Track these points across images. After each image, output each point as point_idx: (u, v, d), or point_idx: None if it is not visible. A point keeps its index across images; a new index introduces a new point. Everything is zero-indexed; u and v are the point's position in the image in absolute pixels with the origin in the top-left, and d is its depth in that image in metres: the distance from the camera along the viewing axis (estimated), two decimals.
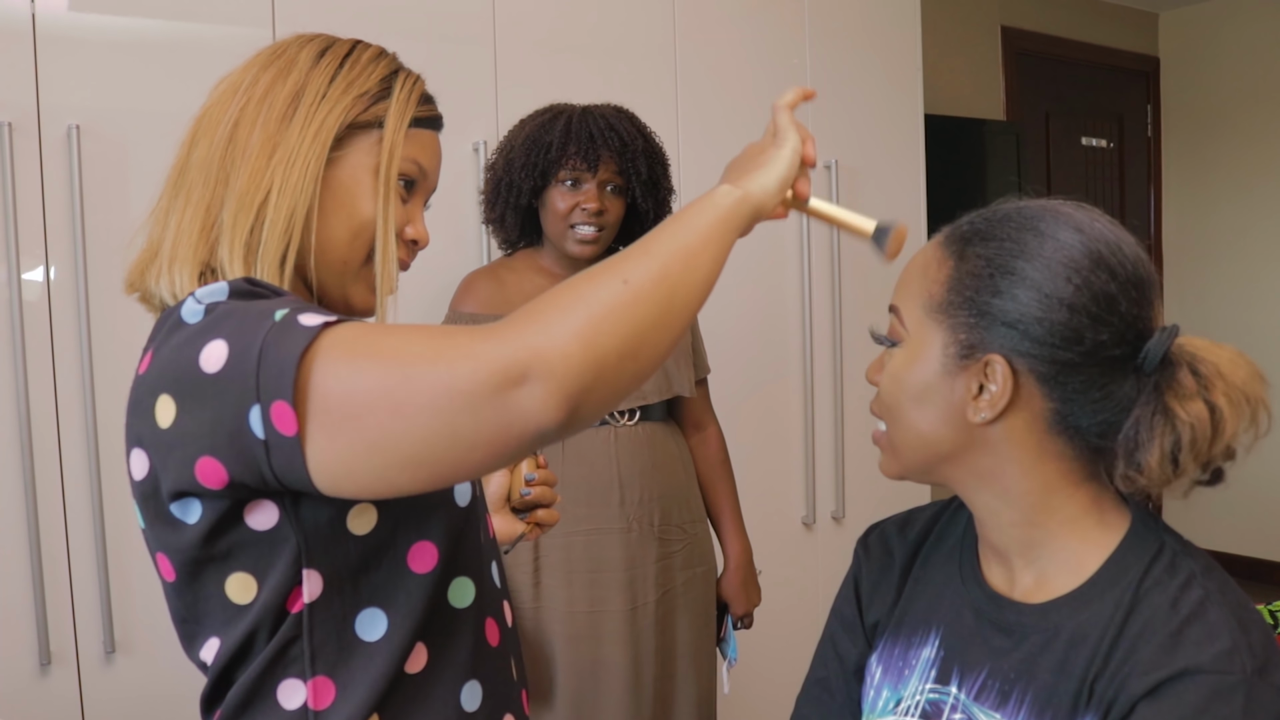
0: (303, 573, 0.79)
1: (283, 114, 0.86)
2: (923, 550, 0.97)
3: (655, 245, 0.74)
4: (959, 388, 0.81)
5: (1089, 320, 0.77)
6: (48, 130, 1.83)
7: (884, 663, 0.94)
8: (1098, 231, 0.80)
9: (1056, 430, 0.80)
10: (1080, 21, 4.43)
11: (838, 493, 2.85)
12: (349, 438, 0.68)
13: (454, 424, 0.66)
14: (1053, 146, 4.41)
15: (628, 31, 2.48)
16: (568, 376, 0.66)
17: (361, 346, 0.70)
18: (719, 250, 0.78)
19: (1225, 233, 4.57)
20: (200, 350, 0.72)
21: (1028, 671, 0.80)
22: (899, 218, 0.90)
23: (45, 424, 1.85)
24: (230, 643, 0.81)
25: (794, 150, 0.88)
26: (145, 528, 0.84)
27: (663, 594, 1.78)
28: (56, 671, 1.86)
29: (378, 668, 0.82)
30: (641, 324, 0.69)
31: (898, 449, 0.87)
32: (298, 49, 0.90)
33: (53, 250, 1.85)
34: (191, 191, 0.86)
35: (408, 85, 0.92)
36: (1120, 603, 0.78)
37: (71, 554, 1.87)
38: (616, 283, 0.70)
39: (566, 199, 1.72)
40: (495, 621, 0.93)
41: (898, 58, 2.94)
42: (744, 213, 0.81)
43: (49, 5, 1.83)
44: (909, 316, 0.85)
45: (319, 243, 0.87)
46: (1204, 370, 0.75)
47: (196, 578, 0.80)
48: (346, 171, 0.88)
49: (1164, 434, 0.75)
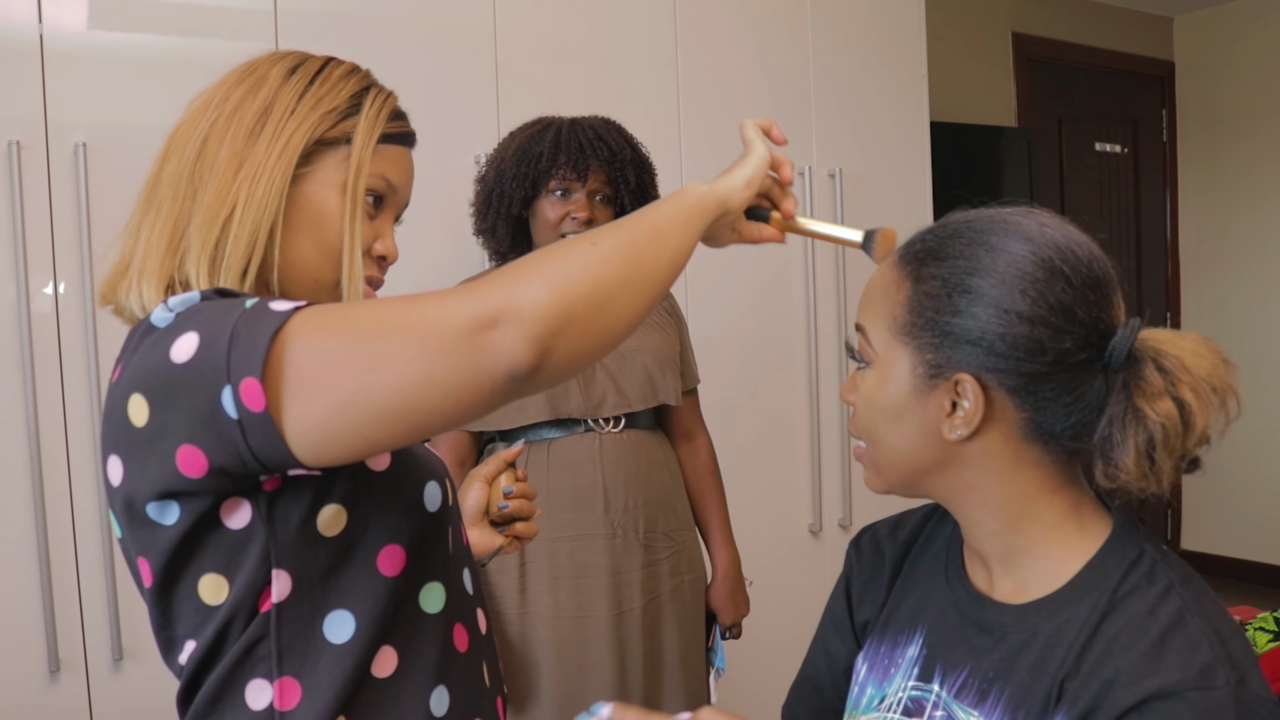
0: (271, 573, 0.80)
1: (250, 130, 0.87)
2: (912, 551, 0.98)
3: (625, 221, 0.81)
4: (932, 406, 0.82)
5: (1050, 331, 0.77)
6: (55, 148, 1.87)
7: (870, 660, 0.95)
8: (1048, 238, 0.80)
9: (1032, 438, 0.80)
10: (1093, 26, 4.41)
11: (845, 500, 2.85)
12: (324, 399, 0.70)
13: (428, 370, 0.69)
14: (1066, 153, 4.39)
15: (630, 43, 2.49)
16: (536, 319, 0.69)
17: (334, 318, 0.73)
18: (685, 233, 0.84)
19: (1243, 237, 4.53)
20: (171, 345, 0.74)
21: (1006, 670, 0.81)
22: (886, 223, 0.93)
23: (54, 435, 1.88)
24: (203, 643, 0.82)
25: (760, 156, 0.93)
26: (122, 536, 0.85)
27: (649, 600, 1.79)
28: (65, 679, 1.89)
29: (344, 670, 0.83)
30: (609, 280, 0.74)
31: (880, 467, 0.88)
32: (269, 65, 0.91)
33: (60, 266, 1.88)
34: (161, 206, 0.88)
35: (378, 101, 0.92)
36: (1096, 606, 0.78)
37: (80, 562, 1.90)
38: (585, 244, 0.75)
39: (556, 208, 1.74)
40: (465, 628, 0.94)
41: (903, 65, 2.94)
42: (710, 204, 0.87)
43: (57, 24, 1.88)
44: (875, 338, 0.86)
45: (289, 259, 0.88)
46: (1168, 365, 0.75)
47: (172, 580, 0.82)
48: (314, 188, 0.89)
49: (1136, 433, 0.75)
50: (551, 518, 1.70)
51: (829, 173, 2.76)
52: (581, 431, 1.76)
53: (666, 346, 1.85)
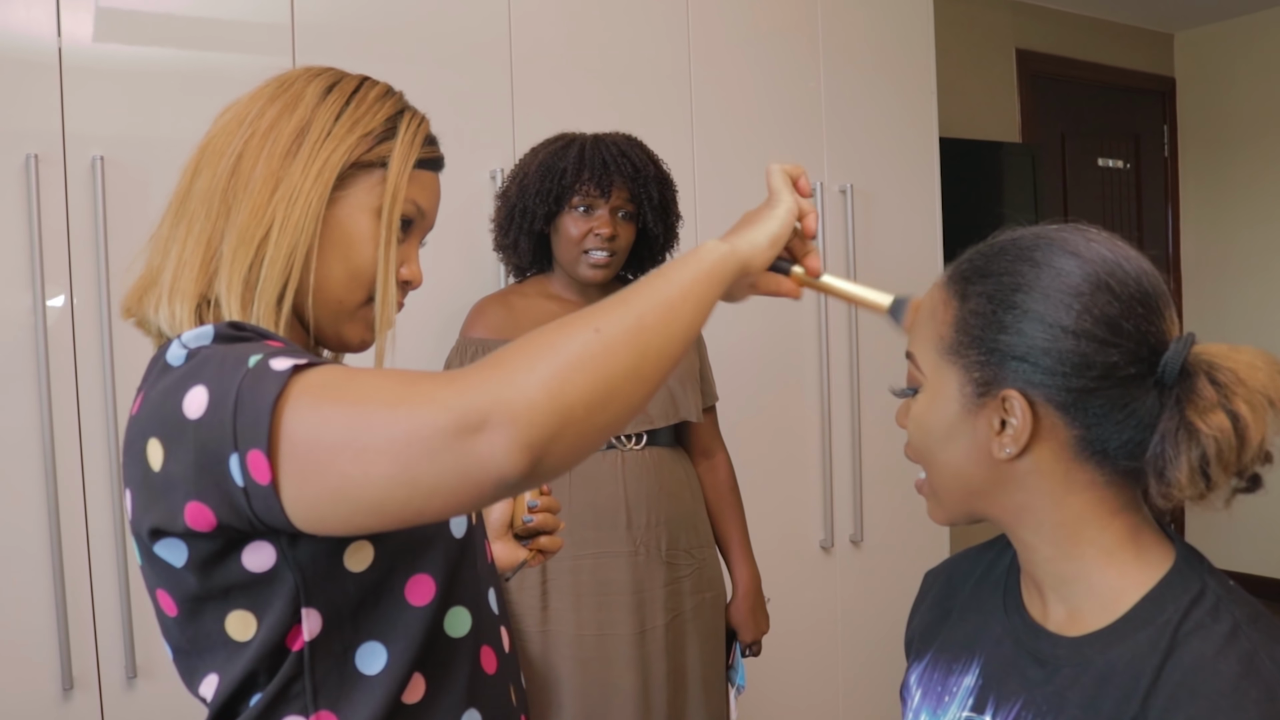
0: (301, 611, 0.80)
1: (287, 149, 0.86)
2: (972, 579, 0.97)
3: (632, 296, 0.73)
4: (981, 425, 0.81)
5: (1096, 344, 0.76)
6: (73, 161, 1.86)
7: (924, 686, 0.94)
8: (1094, 253, 0.79)
9: (1084, 457, 0.79)
10: (1095, 43, 4.43)
11: (856, 516, 2.84)
12: (316, 485, 0.68)
13: (413, 470, 0.65)
14: (1069, 168, 4.40)
15: (643, 59, 2.50)
16: (531, 425, 0.64)
17: (328, 392, 0.69)
18: (700, 303, 0.76)
19: (1244, 252, 4.55)
20: (184, 396, 0.73)
21: (1058, 705, 0.79)
22: (914, 291, 0.91)
23: (69, 450, 1.87)
24: (229, 680, 0.81)
25: (788, 210, 0.87)
26: (142, 564, 0.84)
27: (672, 618, 1.79)
28: (79, 696, 1.87)
29: (377, 699, 0.82)
30: (613, 374, 0.68)
31: (938, 493, 0.88)
32: (305, 83, 0.89)
33: (76, 279, 1.87)
34: (193, 222, 0.86)
35: (412, 126, 0.91)
36: (1156, 645, 0.76)
37: (94, 578, 1.89)
38: (588, 331, 0.68)
39: (579, 225, 1.74)
40: (492, 649, 0.93)
41: (912, 82, 2.94)
42: (730, 266, 0.80)
43: (74, 37, 1.87)
44: (924, 361, 0.85)
45: (316, 281, 0.87)
46: (1222, 378, 0.74)
47: (197, 614, 0.81)
48: (346, 211, 0.88)
49: (1189, 449, 0.73)
50: (574, 535, 1.69)
51: (840, 188, 2.77)
52: (603, 448, 1.75)
53: (687, 363, 1.85)
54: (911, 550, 2.99)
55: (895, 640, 2.95)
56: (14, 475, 1.83)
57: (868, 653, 2.89)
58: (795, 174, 0.89)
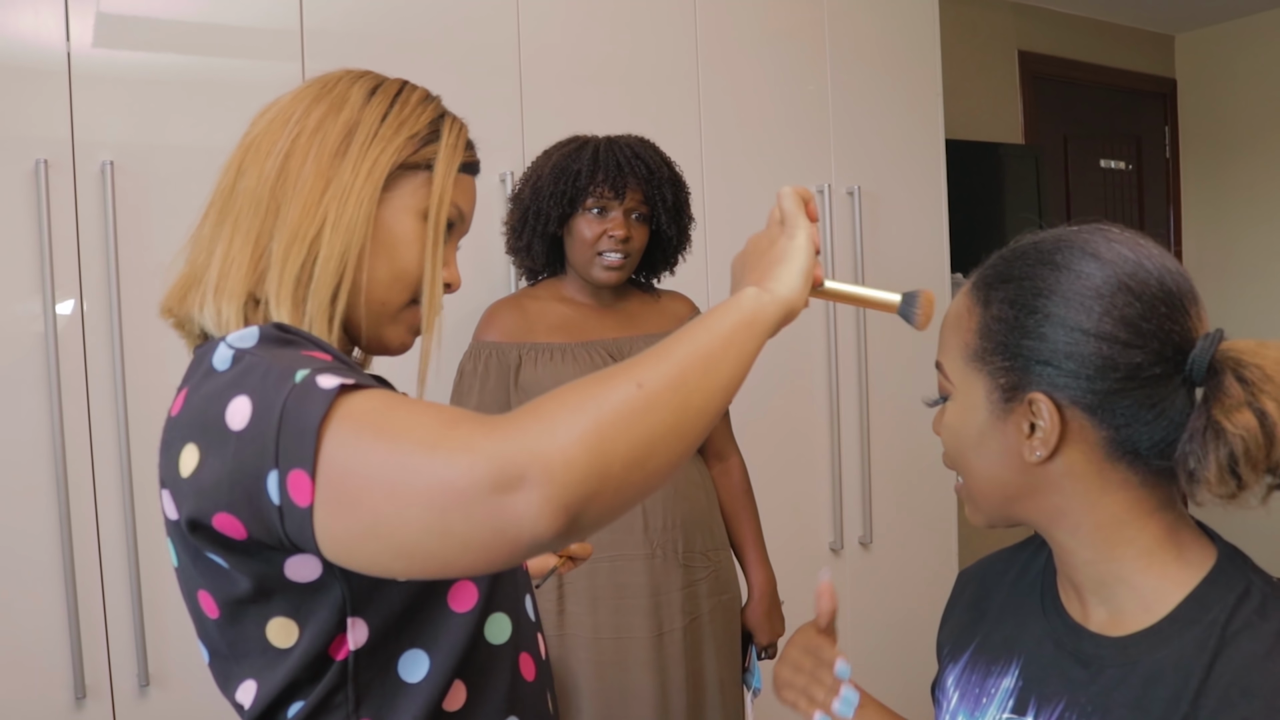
0: (348, 620, 0.79)
1: (336, 149, 0.86)
2: (1007, 580, 0.96)
3: (675, 348, 0.71)
4: (1011, 430, 0.81)
5: (1120, 346, 0.76)
6: (82, 167, 1.85)
7: (961, 688, 0.93)
8: (1115, 254, 0.79)
9: (1116, 457, 0.78)
10: (1097, 44, 4.44)
11: (865, 517, 2.84)
12: (349, 519, 0.67)
13: (446, 521, 0.64)
14: (1071, 169, 4.40)
15: (651, 61, 2.50)
16: (569, 485, 0.62)
17: (370, 421, 0.68)
18: (742, 355, 0.74)
19: (1246, 253, 4.56)
20: (227, 405, 0.72)
21: (1103, 705, 0.78)
22: (921, 286, 0.90)
23: (79, 456, 1.86)
24: (269, 687, 0.80)
25: (807, 237, 0.83)
26: (180, 567, 0.83)
27: (690, 621, 1.78)
28: (91, 705, 1.86)
29: (419, 707, 0.82)
30: (653, 431, 0.66)
31: (974, 497, 0.87)
32: (348, 84, 0.90)
33: (87, 284, 1.86)
34: (240, 220, 0.86)
35: (455, 130, 0.92)
36: (1204, 644, 0.75)
37: (106, 586, 1.88)
38: (630, 386, 0.66)
39: (593, 226, 1.74)
40: (530, 656, 0.93)
41: (918, 83, 2.95)
42: (772, 315, 0.78)
43: (83, 43, 1.86)
44: (952, 369, 0.85)
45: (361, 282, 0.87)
46: (1250, 375, 0.73)
47: (237, 618, 0.80)
48: (391, 212, 0.88)
49: (1217, 448, 0.72)
50: (591, 538, 1.69)
51: (847, 190, 2.77)
52: None
53: None
54: (920, 552, 2.98)
55: (904, 641, 2.97)
56: (25, 482, 1.82)
57: (877, 654, 2.88)
58: (807, 197, 0.86)
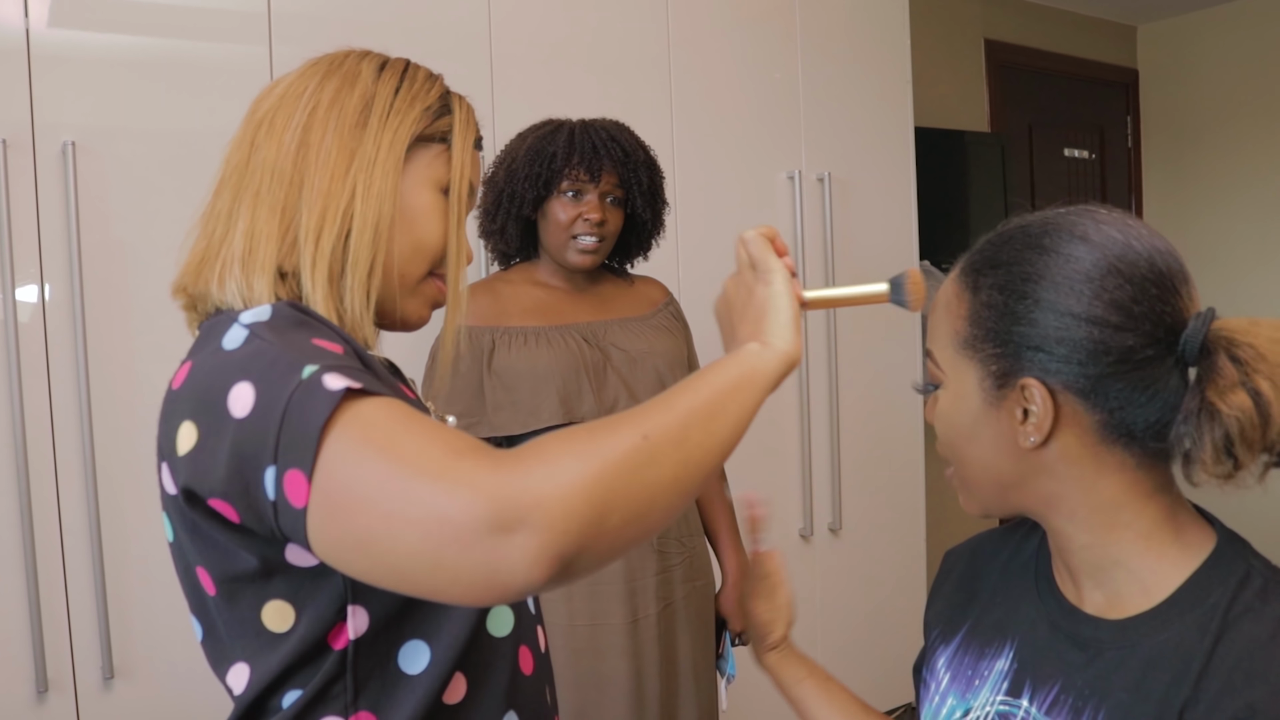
0: (348, 609, 0.78)
1: (356, 121, 0.86)
2: (999, 561, 0.96)
3: (679, 400, 0.71)
4: (1004, 417, 0.80)
5: (1111, 330, 0.75)
6: (42, 147, 1.81)
7: (953, 670, 0.92)
8: (1104, 236, 0.78)
9: (1111, 440, 0.78)
10: (1061, 34, 4.47)
11: (834, 504, 2.85)
12: (342, 529, 0.66)
13: (441, 553, 0.63)
14: (1036, 158, 4.44)
15: (622, 46, 2.48)
16: (567, 533, 0.61)
17: (377, 436, 0.67)
18: (743, 411, 0.74)
19: (1204, 241, 4.62)
20: (230, 388, 0.70)
21: (1101, 688, 0.78)
22: (905, 268, 0.89)
23: (41, 444, 1.82)
24: (263, 673, 0.79)
25: (784, 281, 0.81)
26: (176, 542, 0.81)
27: (664, 607, 1.77)
28: (54, 699, 1.82)
29: (418, 699, 0.81)
30: (655, 485, 0.66)
31: (969, 486, 0.86)
32: (357, 60, 0.90)
33: (48, 268, 1.82)
34: (262, 193, 0.84)
35: (463, 105, 0.93)
36: (1206, 628, 0.74)
37: (68, 578, 1.84)
38: (636, 436, 0.66)
39: (568, 210, 1.72)
40: (530, 650, 0.92)
41: (888, 71, 2.95)
42: (773, 370, 0.77)
43: (42, 22, 1.82)
44: (942, 357, 0.84)
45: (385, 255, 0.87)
46: (1243, 355, 0.72)
47: (234, 597, 0.78)
48: (409, 186, 0.88)
49: (1212, 429, 0.71)
50: None
51: (817, 176, 2.77)
52: None
53: (676, 350, 1.83)
54: (889, 538, 3.00)
55: (873, 627, 2.98)
56: None
57: (846, 639, 2.90)
58: (771, 235, 0.84)
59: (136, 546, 1.88)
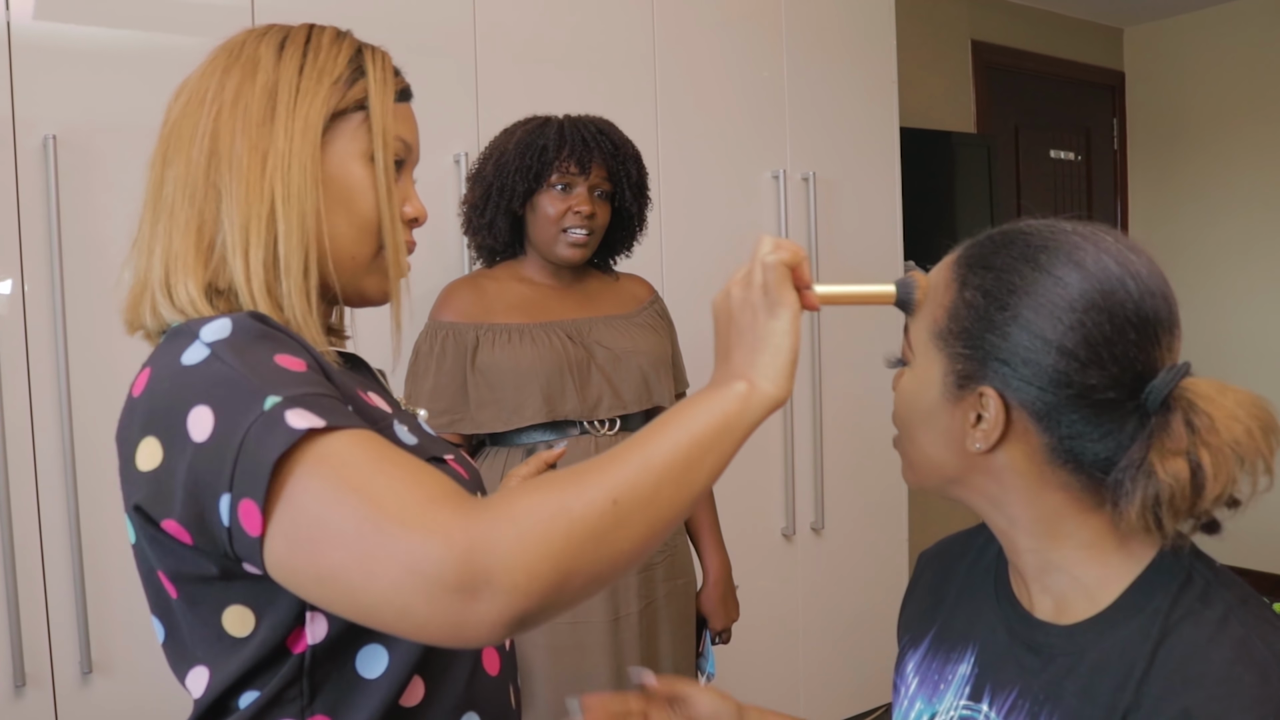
0: (307, 615, 0.77)
1: (262, 117, 0.82)
2: (964, 564, 0.96)
3: (657, 454, 0.68)
4: (958, 416, 0.80)
5: (1078, 365, 0.74)
6: (23, 141, 1.80)
7: (921, 674, 0.93)
8: (1100, 266, 0.76)
9: (1058, 463, 0.78)
10: (1047, 36, 4.49)
11: (817, 503, 2.86)
12: (305, 560, 0.66)
13: (407, 601, 0.63)
14: (1022, 159, 4.45)
15: (607, 44, 2.48)
16: (529, 596, 0.62)
17: (349, 473, 0.67)
18: (720, 460, 0.72)
19: (1190, 244, 4.64)
20: (190, 411, 0.70)
21: (1055, 694, 0.78)
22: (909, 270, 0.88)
23: (20, 439, 1.81)
24: (222, 677, 0.78)
25: (792, 319, 0.75)
26: (137, 545, 0.80)
27: (645, 605, 1.78)
28: (31, 694, 1.82)
29: (375, 704, 0.80)
30: (619, 550, 0.66)
31: (912, 465, 0.87)
32: (255, 44, 0.85)
33: (28, 262, 1.81)
34: (175, 213, 0.82)
35: (378, 62, 0.88)
36: (1148, 633, 0.75)
37: (47, 572, 1.83)
38: (606, 502, 0.65)
39: (557, 203, 1.72)
40: (495, 649, 0.91)
41: (874, 71, 2.96)
42: (757, 415, 0.74)
43: (23, 14, 1.81)
44: (916, 339, 0.84)
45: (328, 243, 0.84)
46: (1198, 422, 0.71)
47: (195, 601, 0.78)
48: (336, 164, 0.84)
49: (1145, 486, 0.72)
50: None
51: (802, 176, 2.77)
52: (576, 434, 1.74)
53: (660, 348, 1.84)
54: (871, 537, 3.01)
55: (855, 626, 2.99)
56: None
57: (828, 638, 2.91)
58: (795, 262, 0.76)
59: (115, 541, 1.88)
